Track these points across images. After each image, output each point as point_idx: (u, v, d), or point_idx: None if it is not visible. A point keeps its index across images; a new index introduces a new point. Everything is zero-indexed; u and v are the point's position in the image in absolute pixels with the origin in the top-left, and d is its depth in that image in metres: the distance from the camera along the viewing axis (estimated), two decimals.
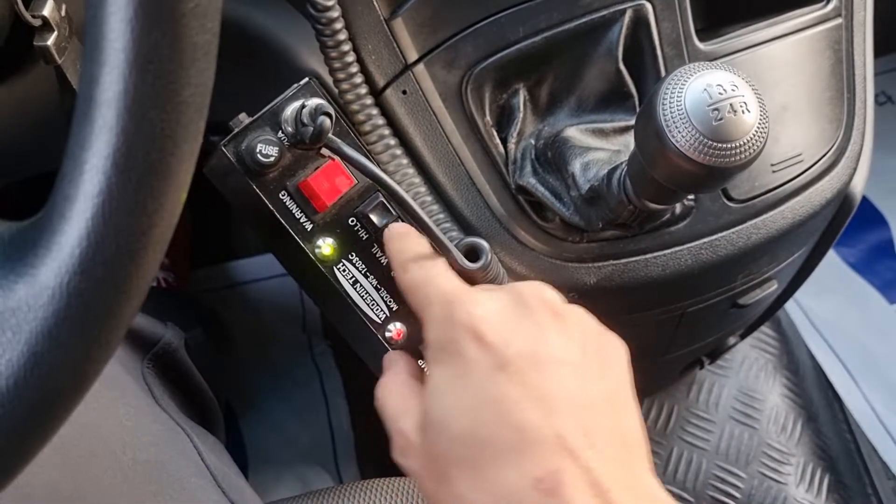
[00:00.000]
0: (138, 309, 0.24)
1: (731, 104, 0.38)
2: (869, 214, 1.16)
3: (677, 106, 0.38)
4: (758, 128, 0.38)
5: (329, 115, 0.42)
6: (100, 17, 0.21)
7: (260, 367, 1.02)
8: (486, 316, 0.35)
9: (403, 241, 0.42)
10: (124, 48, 0.21)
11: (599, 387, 0.35)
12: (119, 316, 0.23)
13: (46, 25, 0.38)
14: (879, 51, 0.61)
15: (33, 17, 0.38)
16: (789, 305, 0.94)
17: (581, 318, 0.37)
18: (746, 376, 0.94)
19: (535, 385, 0.33)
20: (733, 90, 0.38)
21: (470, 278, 0.43)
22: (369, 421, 0.42)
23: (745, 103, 0.38)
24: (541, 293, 0.37)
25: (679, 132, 0.38)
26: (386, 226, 0.46)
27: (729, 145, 0.38)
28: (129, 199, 0.22)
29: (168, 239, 0.24)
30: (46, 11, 0.37)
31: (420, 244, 0.41)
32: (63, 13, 0.38)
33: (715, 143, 0.37)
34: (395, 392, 0.38)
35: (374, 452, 0.96)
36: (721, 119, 0.37)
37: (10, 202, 0.89)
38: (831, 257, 1.13)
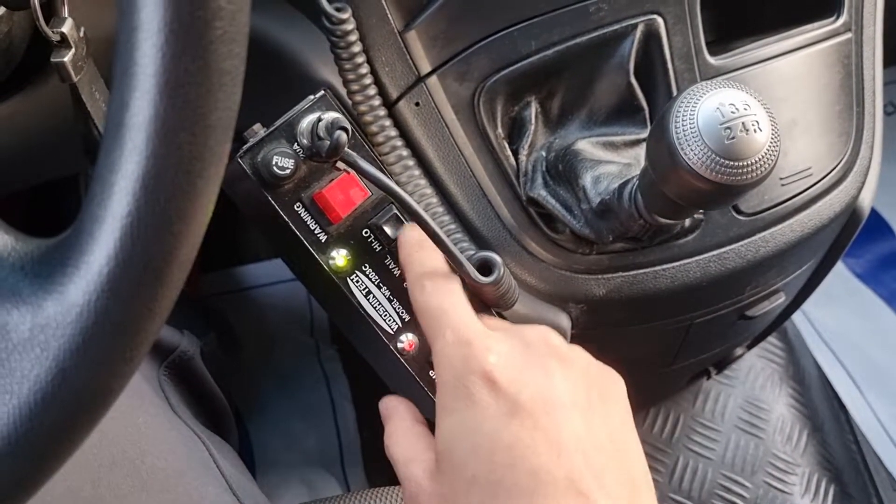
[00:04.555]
0: (162, 325, 0.25)
1: (743, 123, 0.38)
2: (876, 225, 1.16)
3: (690, 124, 0.38)
4: (769, 146, 0.38)
5: (345, 129, 0.42)
6: (131, 44, 0.21)
7: (267, 371, 1.03)
8: (499, 362, 0.36)
9: (419, 252, 0.42)
10: (155, 74, 0.21)
11: (606, 428, 0.36)
12: (144, 333, 0.24)
13: (64, 42, 0.39)
14: (887, 61, 0.61)
15: (53, 32, 0.39)
16: (796, 316, 0.94)
17: (583, 360, 0.39)
18: (753, 386, 0.94)
19: (545, 429, 0.35)
20: (745, 109, 0.38)
21: (482, 292, 0.44)
22: (376, 426, 0.43)
23: (756, 122, 0.38)
24: (546, 338, 0.38)
25: (691, 150, 0.38)
26: None
27: (740, 164, 0.38)
28: (157, 220, 0.22)
29: (193, 258, 0.24)
30: (66, 28, 0.38)
31: (436, 259, 0.42)
32: (82, 34, 0.39)
33: (726, 162, 0.38)
34: (402, 439, 0.40)
35: (380, 457, 0.96)
36: (733, 138, 0.38)
37: (16, 211, 0.89)
38: (838, 268, 1.13)
